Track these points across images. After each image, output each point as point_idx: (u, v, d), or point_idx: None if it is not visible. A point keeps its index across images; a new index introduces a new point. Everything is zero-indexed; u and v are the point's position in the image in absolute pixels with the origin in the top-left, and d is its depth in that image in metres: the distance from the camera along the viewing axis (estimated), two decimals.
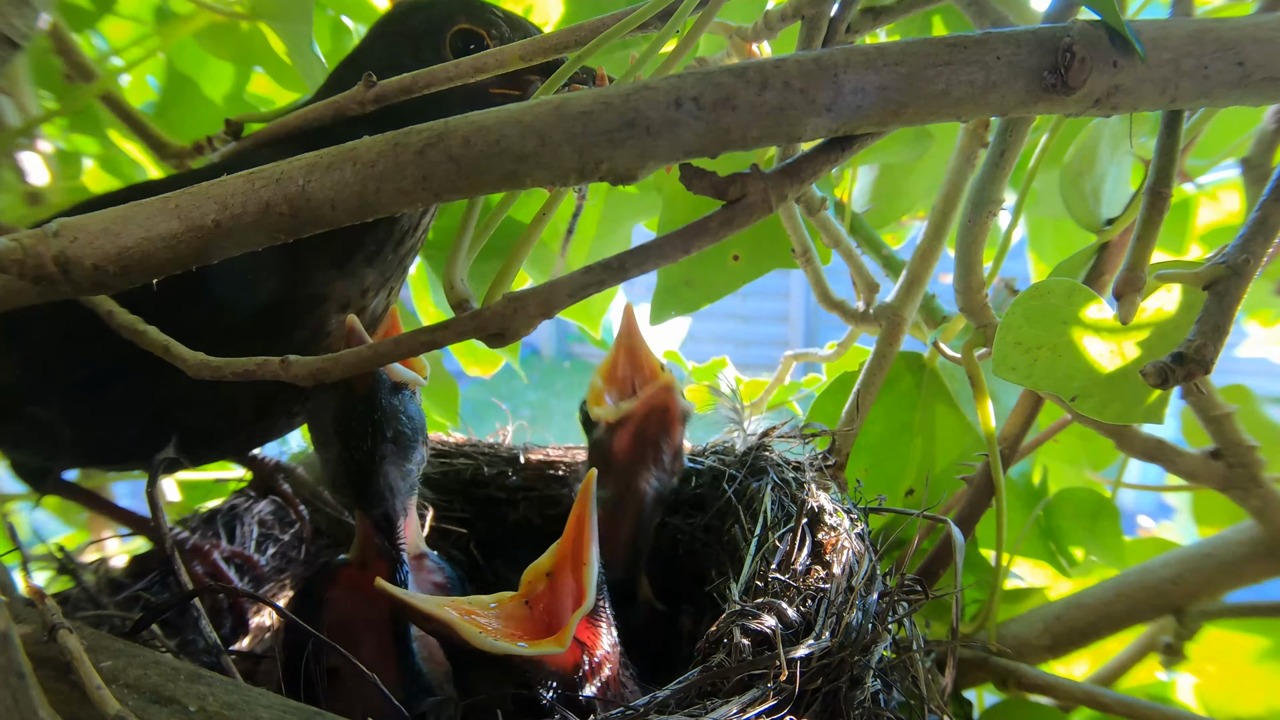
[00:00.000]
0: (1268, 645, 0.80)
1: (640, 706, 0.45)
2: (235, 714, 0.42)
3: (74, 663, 0.40)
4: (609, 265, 0.40)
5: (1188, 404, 0.70)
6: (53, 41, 0.80)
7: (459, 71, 0.52)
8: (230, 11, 0.82)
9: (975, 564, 0.77)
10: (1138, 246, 0.48)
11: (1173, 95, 0.39)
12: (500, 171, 0.36)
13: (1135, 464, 0.76)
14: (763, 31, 0.63)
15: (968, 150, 0.66)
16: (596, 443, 0.71)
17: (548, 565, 0.52)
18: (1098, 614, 0.74)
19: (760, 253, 0.86)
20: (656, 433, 0.68)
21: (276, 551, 0.75)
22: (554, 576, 0.52)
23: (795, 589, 0.51)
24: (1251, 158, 0.66)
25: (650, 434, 0.68)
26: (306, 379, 0.42)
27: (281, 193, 0.37)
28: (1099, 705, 0.70)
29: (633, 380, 0.72)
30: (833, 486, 0.63)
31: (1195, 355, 0.39)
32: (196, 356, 0.44)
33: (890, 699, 0.51)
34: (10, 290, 0.39)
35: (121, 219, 0.37)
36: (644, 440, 0.68)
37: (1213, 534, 0.76)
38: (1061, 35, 0.38)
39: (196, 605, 0.57)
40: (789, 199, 0.41)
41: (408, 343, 0.42)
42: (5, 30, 0.54)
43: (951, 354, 0.72)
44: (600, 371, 0.74)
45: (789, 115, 0.37)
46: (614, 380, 0.73)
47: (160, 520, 0.58)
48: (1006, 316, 0.53)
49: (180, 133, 0.83)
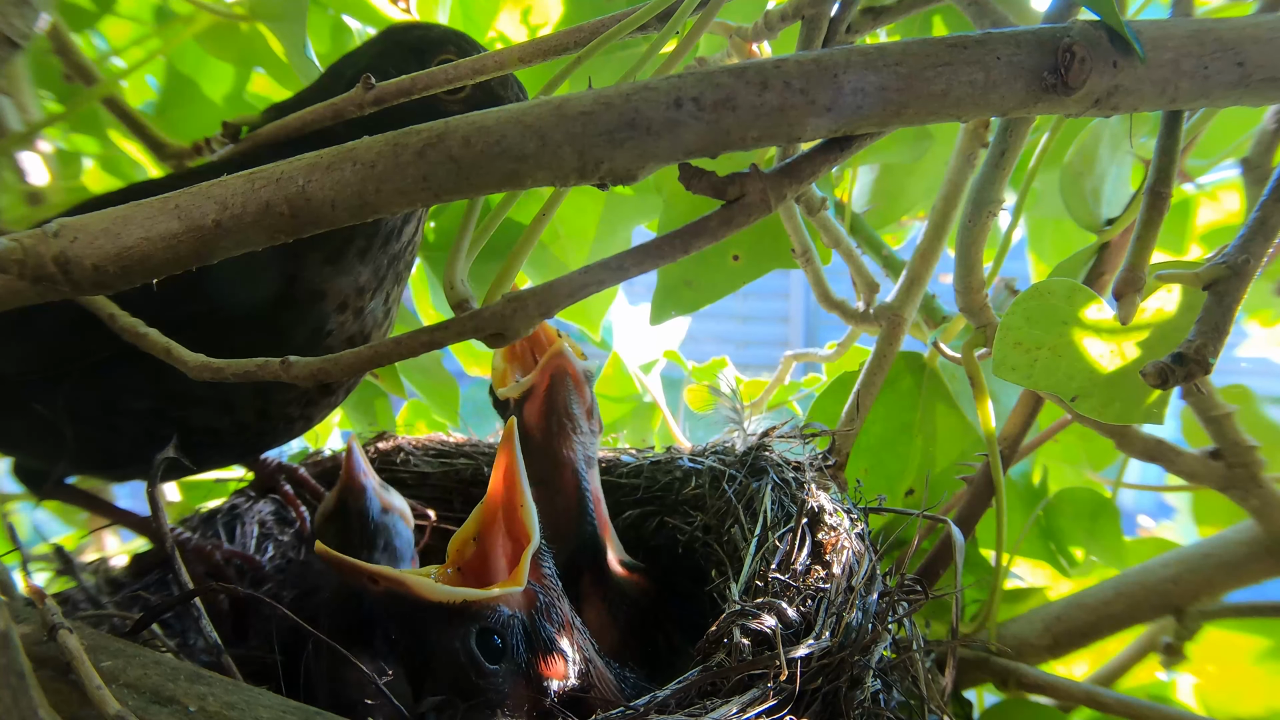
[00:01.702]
0: (1268, 645, 0.80)
1: (640, 706, 0.45)
2: (235, 714, 0.42)
3: (74, 663, 0.40)
4: (608, 265, 0.40)
5: (1188, 404, 0.69)
6: (52, 42, 0.80)
7: (458, 73, 0.52)
8: (229, 13, 0.82)
9: (975, 564, 0.77)
10: (1138, 246, 0.48)
11: (1172, 95, 0.39)
12: (500, 172, 0.36)
13: (1135, 464, 0.76)
14: (763, 31, 0.63)
15: (968, 150, 0.66)
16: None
17: (472, 530, 0.51)
18: (1098, 614, 0.74)
19: (760, 253, 0.86)
20: (564, 399, 0.68)
21: (277, 552, 0.75)
22: (481, 539, 0.51)
23: (795, 589, 0.51)
24: (1251, 158, 0.66)
25: (559, 401, 0.68)
26: (307, 380, 0.42)
27: (281, 193, 0.37)
28: (1099, 705, 0.70)
29: (533, 353, 0.72)
30: (833, 486, 0.63)
31: (1195, 355, 0.40)
32: (197, 358, 0.44)
33: (890, 699, 0.51)
34: (10, 290, 0.39)
35: (121, 219, 0.37)
36: (554, 408, 0.68)
37: (1213, 534, 0.76)
38: (1061, 35, 0.38)
39: (196, 605, 0.57)
40: (789, 199, 0.41)
41: (408, 343, 0.42)
42: (5, 30, 0.54)
43: (951, 354, 0.72)
44: (500, 350, 0.73)
45: (789, 115, 0.37)
46: (515, 357, 0.73)
47: (160, 520, 0.58)
48: (1006, 317, 0.53)
49: (180, 133, 0.83)
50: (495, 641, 0.47)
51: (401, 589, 0.47)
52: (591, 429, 0.70)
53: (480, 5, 0.94)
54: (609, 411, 1.08)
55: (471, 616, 0.47)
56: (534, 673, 0.48)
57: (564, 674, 0.49)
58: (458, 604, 0.47)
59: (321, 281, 0.61)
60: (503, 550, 0.51)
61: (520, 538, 0.50)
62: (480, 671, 0.47)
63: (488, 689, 0.47)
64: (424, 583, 0.47)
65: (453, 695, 0.47)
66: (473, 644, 0.47)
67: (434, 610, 0.47)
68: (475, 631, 0.47)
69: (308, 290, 0.60)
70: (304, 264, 0.60)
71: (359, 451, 0.68)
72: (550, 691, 0.48)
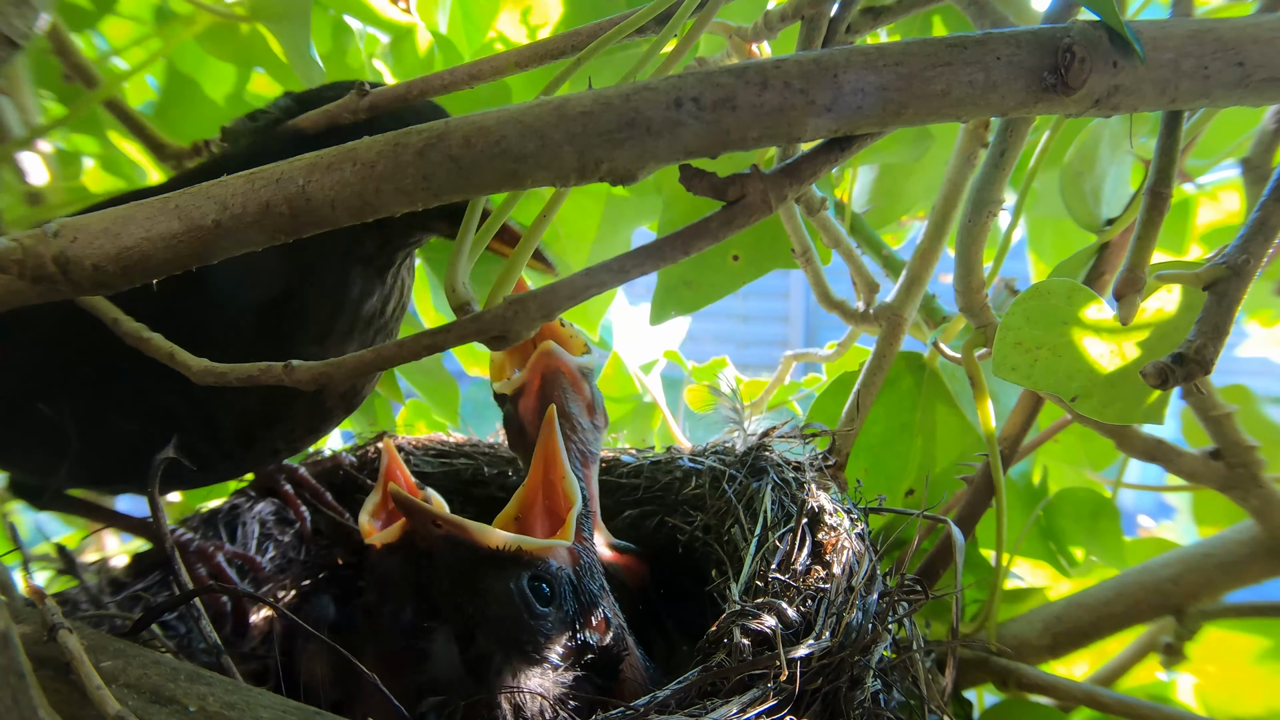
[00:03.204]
0: (1268, 645, 0.80)
1: (640, 706, 0.45)
2: (235, 714, 0.42)
3: (74, 663, 0.40)
4: (609, 267, 0.40)
5: (1188, 404, 0.70)
6: (52, 42, 0.80)
7: (454, 78, 0.52)
8: (230, 13, 0.82)
9: (975, 564, 0.77)
10: (1138, 246, 0.48)
11: (1172, 96, 0.39)
12: (500, 172, 0.36)
13: (1135, 464, 0.76)
14: (763, 31, 0.63)
15: (968, 150, 0.66)
16: (507, 417, 0.70)
17: (514, 511, 0.56)
18: (1098, 614, 0.74)
19: (760, 253, 0.86)
20: (558, 396, 0.67)
21: (277, 552, 0.75)
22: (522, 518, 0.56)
23: (795, 589, 0.51)
24: (1251, 158, 0.66)
25: (554, 397, 0.67)
26: (309, 384, 0.42)
27: (281, 193, 0.37)
28: (1099, 705, 0.70)
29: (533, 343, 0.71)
30: (833, 486, 0.63)
31: (1195, 356, 0.40)
32: (201, 363, 0.44)
33: (890, 699, 0.51)
34: (10, 290, 0.39)
35: (121, 219, 0.37)
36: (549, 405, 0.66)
37: (1213, 534, 0.76)
38: (1061, 36, 0.38)
39: (197, 605, 0.57)
40: (789, 199, 0.41)
41: (410, 346, 0.42)
42: (5, 30, 0.54)
43: (951, 354, 0.72)
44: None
45: (789, 115, 0.37)
46: (514, 350, 0.72)
47: (160, 520, 0.58)
48: (1006, 317, 0.53)
49: (180, 133, 0.83)
50: (544, 589, 0.51)
51: (462, 533, 0.51)
52: (595, 424, 0.70)
53: (480, 5, 0.94)
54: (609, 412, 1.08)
55: (524, 564, 0.51)
56: (579, 623, 0.52)
57: (605, 630, 0.53)
58: (512, 550, 0.51)
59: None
60: (541, 527, 0.55)
61: (561, 511, 0.55)
62: (532, 612, 0.50)
63: (538, 631, 0.50)
64: (482, 527, 0.51)
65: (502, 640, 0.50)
66: (525, 585, 0.51)
67: (489, 555, 0.51)
68: (527, 576, 0.51)
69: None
70: (294, 344, 0.60)
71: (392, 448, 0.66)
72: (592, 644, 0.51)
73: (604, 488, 0.77)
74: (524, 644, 0.50)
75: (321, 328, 0.60)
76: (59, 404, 0.58)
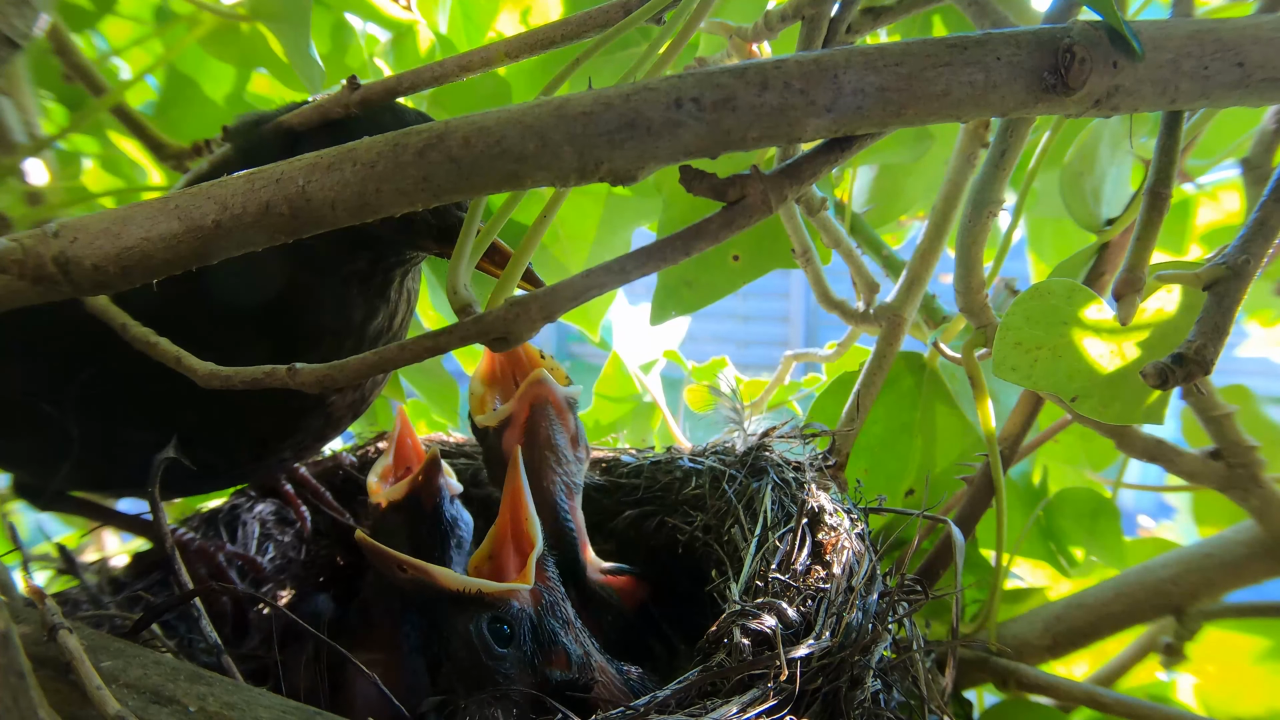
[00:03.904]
0: (1268, 645, 0.80)
1: (640, 706, 0.45)
2: (235, 714, 0.42)
3: (74, 663, 0.40)
4: (610, 268, 0.40)
5: (1188, 404, 0.70)
6: (52, 42, 0.80)
7: (445, 70, 0.52)
8: (230, 13, 0.82)
9: (975, 564, 0.77)
10: (1138, 247, 0.48)
11: (1173, 96, 0.39)
12: (501, 172, 0.36)
13: (1135, 464, 0.76)
14: (763, 31, 0.63)
15: (968, 150, 0.66)
16: (489, 450, 0.68)
17: (487, 550, 0.58)
18: (1098, 614, 0.74)
19: (760, 253, 0.86)
20: (546, 431, 0.66)
21: (277, 552, 0.75)
22: (495, 557, 0.58)
23: (795, 589, 0.51)
24: (1251, 158, 0.66)
25: (540, 435, 0.66)
26: (313, 386, 0.42)
27: (281, 193, 0.37)
28: (1099, 705, 0.70)
29: (514, 376, 0.70)
30: (833, 486, 0.63)
31: (1195, 356, 0.40)
32: (207, 366, 0.44)
33: (890, 699, 0.51)
34: (10, 290, 0.39)
35: (121, 219, 0.37)
36: (535, 442, 0.66)
37: (1213, 534, 0.76)
38: (1061, 36, 0.38)
39: (197, 605, 0.57)
40: (789, 200, 0.41)
41: (412, 348, 0.42)
42: (5, 30, 0.54)
43: (951, 354, 0.72)
44: (478, 375, 0.70)
45: (789, 116, 0.37)
46: (494, 381, 0.71)
47: (160, 520, 0.58)
48: (1006, 317, 0.53)
49: (180, 133, 0.83)
50: (504, 630, 0.53)
51: (425, 577, 0.53)
52: (578, 456, 0.69)
53: (480, 5, 0.94)
54: (609, 411, 1.08)
55: (485, 605, 0.53)
56: (539, 662, 0.53)
57: (566, 666, 0.54)
58: (473, 592, 0.53)
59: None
60: (513, 566, 0.57)
61: (526, 548, 0.57)
62: (490, 654, 0.52)
63: (497, 671, 0.52)
64: (445, 571, 0.53)
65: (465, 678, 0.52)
66: (484, 628, 0.52)
67: (452, 597, 0.53)
68: (487, 618, 0.53)
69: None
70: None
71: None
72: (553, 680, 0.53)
73: (604, 488, 0.77)
74: (484, 683, 0.51)
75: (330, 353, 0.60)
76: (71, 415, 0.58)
